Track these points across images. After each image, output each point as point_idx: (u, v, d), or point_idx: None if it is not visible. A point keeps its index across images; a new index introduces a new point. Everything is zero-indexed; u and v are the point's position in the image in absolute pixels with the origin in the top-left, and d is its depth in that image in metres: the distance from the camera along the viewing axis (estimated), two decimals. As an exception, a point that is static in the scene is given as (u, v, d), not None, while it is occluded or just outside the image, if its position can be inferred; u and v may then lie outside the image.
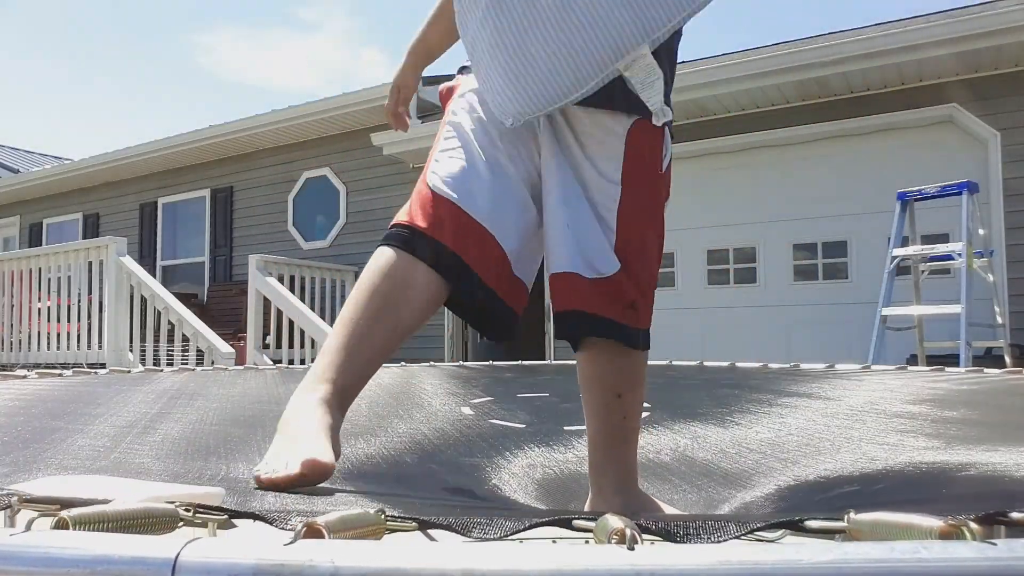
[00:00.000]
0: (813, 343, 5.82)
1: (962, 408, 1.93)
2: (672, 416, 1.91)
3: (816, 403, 2.14)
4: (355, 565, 0.47)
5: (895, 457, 1.30)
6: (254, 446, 1.36)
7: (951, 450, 1.31)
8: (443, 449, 1.58)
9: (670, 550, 0.47)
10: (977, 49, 4.96)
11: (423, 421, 1.86)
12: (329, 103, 7.86)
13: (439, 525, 0.69)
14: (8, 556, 0.51)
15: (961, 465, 1.17)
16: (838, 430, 1.65)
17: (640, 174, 1.15)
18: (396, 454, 1.47)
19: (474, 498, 1.26)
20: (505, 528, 0.66)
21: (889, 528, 0.60)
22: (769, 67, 5.54)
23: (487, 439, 1.68)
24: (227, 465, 1.20)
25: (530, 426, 1.85)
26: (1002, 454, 1.20)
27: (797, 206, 6.06)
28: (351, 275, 8.02)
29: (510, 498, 1.29)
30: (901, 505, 0.88)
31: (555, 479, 1.43)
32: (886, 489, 1.16)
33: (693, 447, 1.61)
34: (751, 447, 1.56)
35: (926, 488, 1.12)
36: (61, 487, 0.82)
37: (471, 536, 0.74)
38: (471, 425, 1.85)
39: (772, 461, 1.42)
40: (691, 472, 1.44)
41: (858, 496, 1.14)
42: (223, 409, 1.98)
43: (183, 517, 0.68)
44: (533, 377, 3.38)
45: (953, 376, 2.69)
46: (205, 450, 1.34)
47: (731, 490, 1.31)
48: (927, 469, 1.19)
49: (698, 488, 1.35)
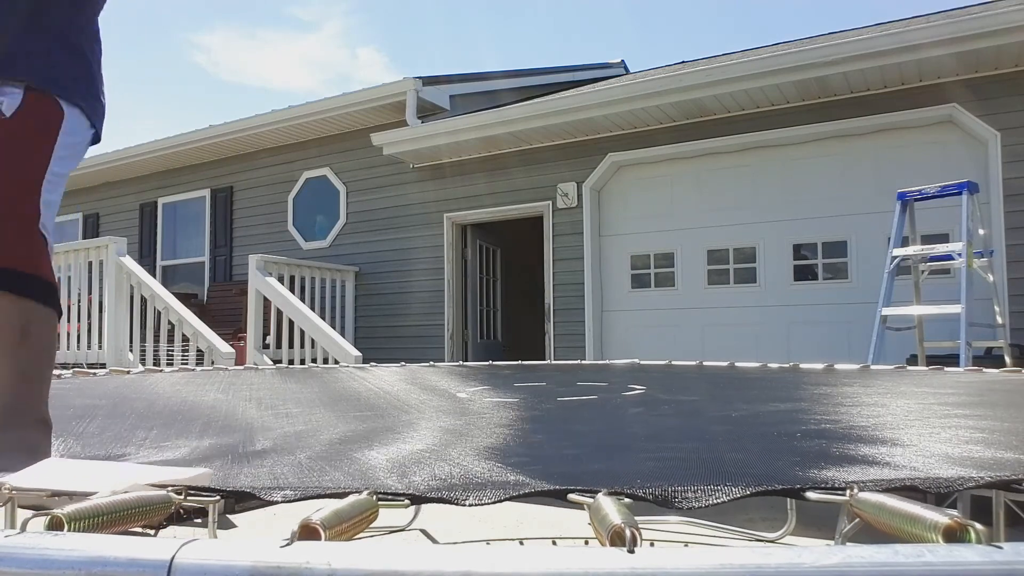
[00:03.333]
0: (813, 343, 5.82)
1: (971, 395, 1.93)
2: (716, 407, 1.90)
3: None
4: (351, 567, 0.46)
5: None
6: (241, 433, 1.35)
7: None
8: (439, 423, 1.57)
9: (670, 553, 0.46)
10: (977, 49, 4.96)
11: (420, 404, 1.85)
12: (329, 103, 7.86)
13: (431, 499, 0.68)
14: (5, 558, 0.51)
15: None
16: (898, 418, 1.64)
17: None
18: (392, 432, 1.46)
19: (469, 470, 1.26)
20: (497, 495, 0.66)
21: (893, 514, 0.60)
22: (769, 67, 5.53)
23: (482, 415, 1.67)
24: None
25: (523, 400, 1.84)
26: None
27: (797, 206, 6.06)
28: (351, 275, 8.02)
29: (506, 462, 1.29)
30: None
31: (545, 446, 1.42)
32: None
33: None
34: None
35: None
36: (51, 474, 0.82)
37: (465, 505, 0.74)
38: (466, 403, 1.85)
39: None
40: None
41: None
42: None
43: (176, 501, 0.68)
44: (532, 373, 3.37)
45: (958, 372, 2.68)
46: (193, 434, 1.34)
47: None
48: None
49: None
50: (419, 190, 7.81)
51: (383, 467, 1.11)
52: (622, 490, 0.83)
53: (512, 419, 1.66)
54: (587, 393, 2.37)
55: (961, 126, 5.43)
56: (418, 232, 7.77)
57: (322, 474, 0.96)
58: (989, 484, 0.88)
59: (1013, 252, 5.08)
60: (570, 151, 6.94)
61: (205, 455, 1.17)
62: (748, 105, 6.03)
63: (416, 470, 1.07)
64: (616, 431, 1.65)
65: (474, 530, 3.14)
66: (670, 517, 2.95)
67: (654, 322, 6.62)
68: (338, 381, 2.80)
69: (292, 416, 1.82)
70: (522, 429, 1.59)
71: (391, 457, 1.22)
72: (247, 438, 1.39)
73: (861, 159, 5.84)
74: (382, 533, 2.90)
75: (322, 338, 6.15)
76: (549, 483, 0.90)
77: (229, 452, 1.23)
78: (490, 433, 1.50)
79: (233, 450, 1.24)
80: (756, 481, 0.91)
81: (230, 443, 1.38)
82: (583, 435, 1.56)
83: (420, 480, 0.97)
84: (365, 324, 7.99)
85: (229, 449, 1.24)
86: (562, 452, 1.54)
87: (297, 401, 2.14)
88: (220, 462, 1.11)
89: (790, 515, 2.89)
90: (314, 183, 8.59)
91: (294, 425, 1.64)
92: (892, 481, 0.88)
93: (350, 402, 2.12)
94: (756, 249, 6.21)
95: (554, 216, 6.98)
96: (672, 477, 1.00)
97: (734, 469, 1.08)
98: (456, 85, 7.98)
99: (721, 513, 3.09)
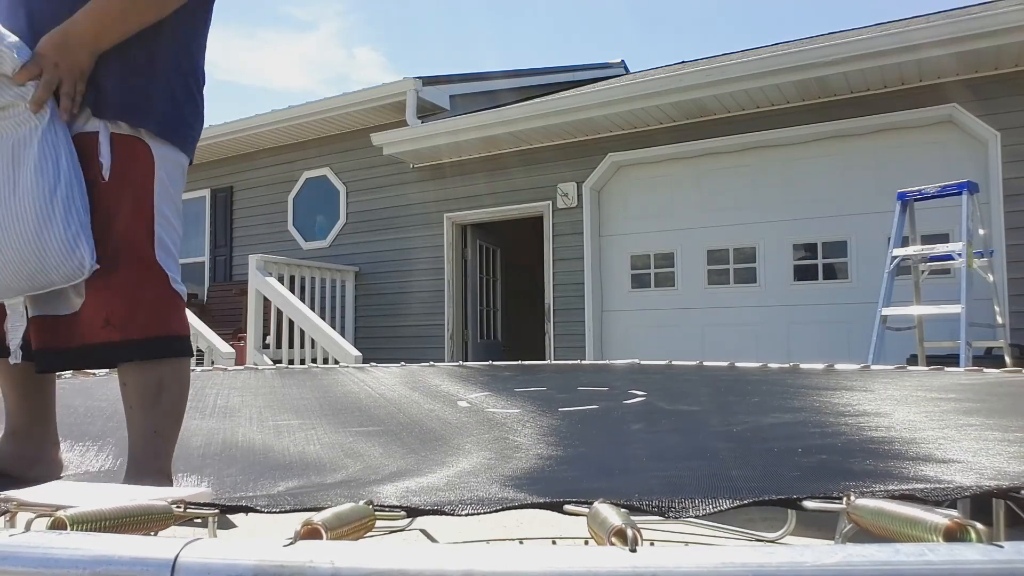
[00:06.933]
0: (813, 343, 5.82)
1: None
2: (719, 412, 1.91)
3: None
4: (355, 566, 0.46)
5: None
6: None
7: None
8: (437, 434, 1.57)
9: (672, 552, 0.47)
10: (977, 49, 4.96)
11: (419, 411, 1.85)
12: (329, 103, 7.86)
13: (427, 511, 0.69)
14: (8, 557, 0.51)
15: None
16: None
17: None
18: (392, 439, 1.46)
19: (465, 479, 1.26)
20: (493, 505, 0.66)
21: (892, 519, 0.60)
22: (769, 67, 5.53)
23: (483, 424, 1.67)
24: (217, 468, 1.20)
25: (524, 411, 1.84)
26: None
27: (797, 206, 6.06)
28: (351, 275, 8.02)
29: (504, 476, 1.29)
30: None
31: (547, 458, 1.43)
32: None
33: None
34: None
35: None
36: (55, 493, 0.82)
37: (461, 515, 0.74)
38: (467, 413, 1.85)
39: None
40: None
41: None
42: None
43: (176, 513, 0.68)
44: (531, 375, 3.37)
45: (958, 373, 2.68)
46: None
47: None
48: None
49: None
50: (419, 190, 7.81)
51: (382, 479, 1.11)
52: (619, 501, 0.83)
53: (513, 432, 1.66)
54: (588, 400, 2.37)
55: (961, 126, 5.43)
56: (418, 232, 7.77)
57: (320, 487, 0.96)
58: (989, 492, 0.88)
59: (1013, 252, 5.08)
60: (570, 151, 6.94)
61: (206, 455, 1.17)
62: (748, 105, 6.03)
63: (414, 481, 1.07)
64: (616, 449, 1.65)
65: (474, 530, 3.14)
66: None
67: (654, 322, 6.62)
68: (337, 384, 2.81)
69: (290, 422, 1.82)
70: (523, 444, 1.59)
71: (391, 470, 1.22)
72: (246, 443, 1.39)
73: (861, 159, 5.84)
74: (382, 533, 2.90)
75: (322, 338, 6.15)
76: (546, 496, 0.90)
77: (229, 453, 1.23)
78: (490, 448, 1.50)
79: (232, 453, 1.24)
80: (755, 492, 0.91)
81: (230, 445, 1.38)
82: (582, 451, 1.56)
83: (417, 492, 0.97)
84: (365, 324, 7.99)
85: (229, 450, 1.24)
86: (560, 464, 1.54)
87: (296, 407, 2.14)
88: (220, 463, 1.11)
89: (790, 516, 2.89)
90: (314, 183, 8.59)
91: (292, 431, 1.64)
92: (891, 491, 0.88)
93: (349, 407, 2.12)
94: (756, 249, 6.21)
95: (554, 216, 6.98)
96: (670, 487, 1.00)
97: (733, 481, 1.08)
98: (456, 85, 7.98)
99: (721, 514, 3.09)
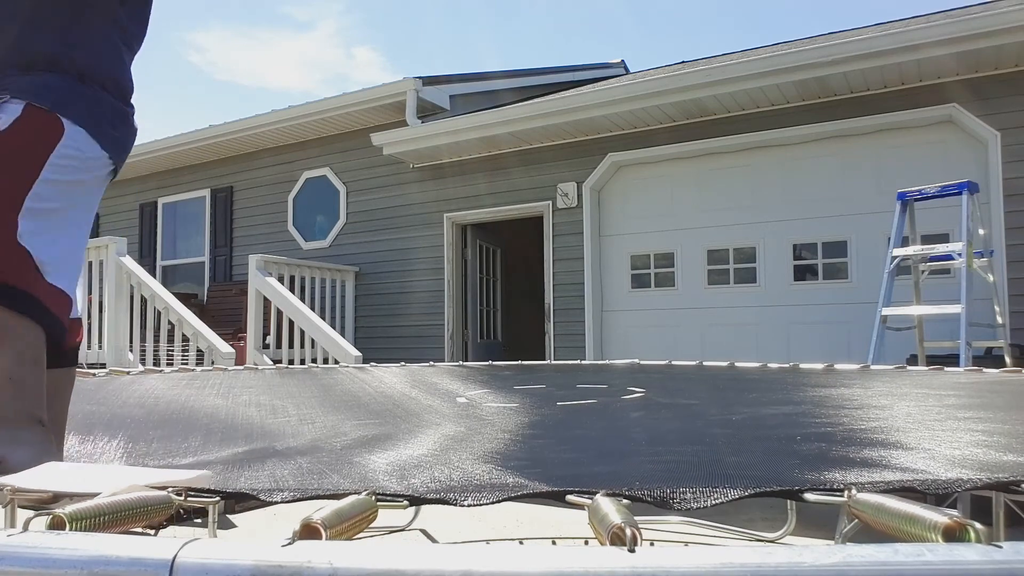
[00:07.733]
0: (813, 343, 5.82)
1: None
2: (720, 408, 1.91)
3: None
4: (353, 566, 0.46)
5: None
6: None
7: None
8: (437, 427, 1.57)
9: (671, 552, 0.46)
10: (977, 49, 4.96)
11: (418, 407, 1.85)
12: (329, 103, 7.86)
13: (429, 500, 0.69)
14: (6, 557, 0.51)
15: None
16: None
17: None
18: (391, 435, 1.46)
19: (466, 469, 1.26)
20: (495, 497, 0.66)
21: (892, 515, 0.60)
22: (769, 67, 5.53)
23: (482, 418, 1.67)
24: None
25: (523, 406, 1.85)
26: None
27: (797, 206, 6.06)
28: (351, 275, 8.02)
29: (504, 466, 1.29)
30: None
31: (546, 447, 1.43)
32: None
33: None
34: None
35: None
36: (52, 476, 0.82)
37: (463, 506, 0.74)
38: (467, 408, 1.85)
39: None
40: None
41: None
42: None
43: (176, 502, 0.68)
44: (531, 375, 3.37)
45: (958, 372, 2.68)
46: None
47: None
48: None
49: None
50: (419, 190, 7.81)
51: (382, 469, 1.11)
52: (621, 491, 0.83)
53: (511, 424, 1.66)
54: (587, 396, 2.37)
55: (961, 126, 5.43)
56: (418, 232, 7.77)
57: (321, 476, 0.96)
58: (988, 486, 0.88)
59: (1013, 252, 5.08)
60: (570, 151, 6.94)
61: (204, 455, 1.17)
62: (748, 105, 6.03)
63: (415, 472, 1.07)
64: (616, 437, 1.65)
65: (474, 530, 3.14)
66: (670, 517, 2.95)
67: (654, 322, 6.62)
68: (338, 384, 2.80)
69: (291, 419, 1.82)
70: (521, 434, 1.59)
71: (390, 459, 1.22)
72: (247, 440, 1.39)
73: (861, 159, 5.84)
74: (382, 533, 2.90)
75: (322, 338, 6.15)
76: (547, 485, 0.90)
77: (229, 452, 1.23)
78: (489, 438, 1.51)
79: (233, 450, 1.25)
80: (755, 483, 0.91)
81: (229, 443, 1.38)
82: (582, 440, 1.56)
83: (419, 482, 0.97)
84: (365, 324, 8.00)
85: (229, 449, 1.24)
86: (561, 456, 1.54)
87: (296, 404, 2.14)
88: (219, 463, 1.11)
89: (790, 515, 2.89)
90: (314, 183, 8.59)
91: (294, 427, 1.64)
92: (891, 483, 0.88)
93: (349, 404, 2.12)
94: (756, 249, 6.21)
95: (554, 216, 6.98)
96: (671, 479, 1.00)
97: (733, 471, 1.08)
98: (456, 85, 7.98)
99: (721, 513, 3.09)
